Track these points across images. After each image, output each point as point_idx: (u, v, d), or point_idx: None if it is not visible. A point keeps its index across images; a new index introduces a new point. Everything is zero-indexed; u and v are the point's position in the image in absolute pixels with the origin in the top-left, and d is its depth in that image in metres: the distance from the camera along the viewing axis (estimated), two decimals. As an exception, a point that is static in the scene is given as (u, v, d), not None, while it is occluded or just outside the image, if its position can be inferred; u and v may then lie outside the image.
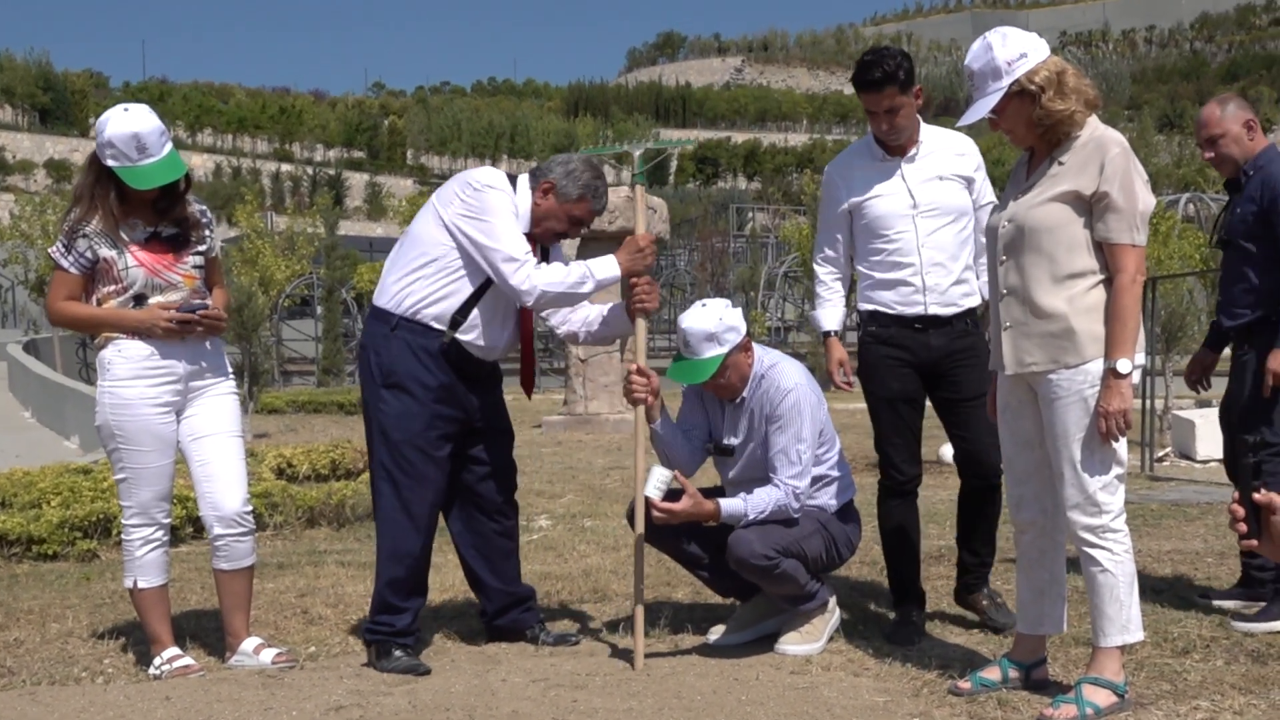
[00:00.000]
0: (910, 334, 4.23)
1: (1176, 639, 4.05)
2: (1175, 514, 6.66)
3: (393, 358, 3.98)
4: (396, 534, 4.02)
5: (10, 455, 11.12)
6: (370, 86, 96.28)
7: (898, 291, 4.25)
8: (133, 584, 3.99)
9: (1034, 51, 3.38)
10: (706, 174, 68.89)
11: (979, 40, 3.45)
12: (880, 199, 4.24)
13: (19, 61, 63.40)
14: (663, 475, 3.89)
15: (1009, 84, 3.36)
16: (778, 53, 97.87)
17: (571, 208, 4.08)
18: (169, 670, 3.92)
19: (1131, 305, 3.34)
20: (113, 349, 3.91)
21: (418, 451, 3.99)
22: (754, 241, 32.25)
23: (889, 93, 4.09)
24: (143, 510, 3.96)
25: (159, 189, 3.91)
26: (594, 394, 12.39)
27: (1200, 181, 31.19)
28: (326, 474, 8.06)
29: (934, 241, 4.19)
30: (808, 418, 4.04)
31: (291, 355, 23.11)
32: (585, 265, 3.98)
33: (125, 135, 3.78)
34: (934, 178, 4.21)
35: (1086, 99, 3.39)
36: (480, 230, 3.91)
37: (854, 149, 4.42)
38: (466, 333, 4.02)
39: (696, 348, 4.01)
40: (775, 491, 4.00)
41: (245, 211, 19.62)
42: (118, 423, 3.90)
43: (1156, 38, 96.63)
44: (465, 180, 4.01)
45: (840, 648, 4.12)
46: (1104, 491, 3.38)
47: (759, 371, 4.11)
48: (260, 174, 58.69)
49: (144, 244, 3.93)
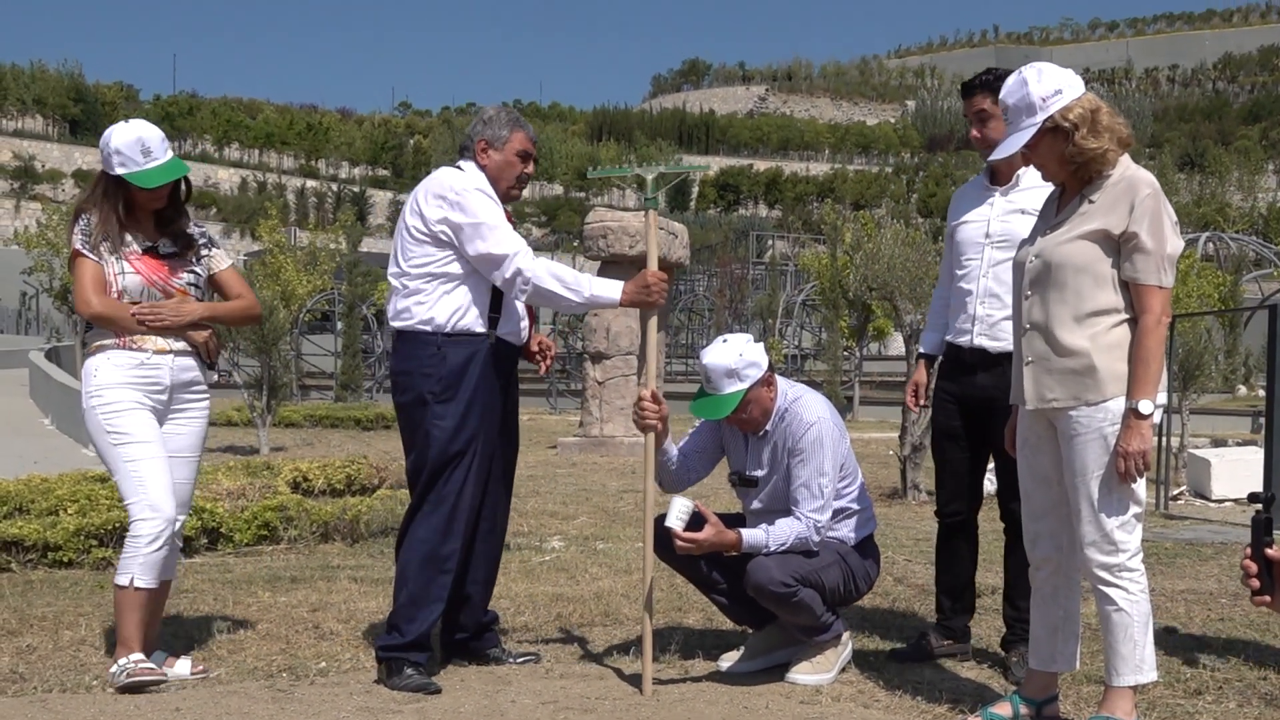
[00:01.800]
0: (961, 370, 4.27)
1: (1189, 680, 4.02)
2: (1190, 553, 6.62)
3: (449, 371, 4.01)
4: (433, 548, 4.02)
5: (29, 462, 11.17)
6: (397, 105, 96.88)
7: (958, 319, 4.30)
8: (128, 581, 3.96)
9: (1069, 88, 3.38)
10: (728, 200, 69.08)
11: (1014, 75, 3.46)
12: (965, 226, 4.32)
13: (52, 72, 64.14)
14: (684, 505, 3.89)
15: (1043, 120, 3.37)
16: (801, 82, 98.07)
17: (511, 147, 4.17)
18: (131, 670, 3.87)
19: (1156, 347, 3.33)
20: (101, 357, 4.01)
21: (468, 464, 4.03)
22: (773, 269, 32.27)
23: (979, 98, 4.20)
24: (154, 505, 3.95)
25: (165, 197, 4.09)
26: (609, 416, 12.40)
27: (1220, 221, 31.13)
28: (342, 489, 8.07)
29: (996, 273, 4.20)
30: (829, 452, 4.04)
31: (310, 370, 23.20)
32: (588, 277, 4.05)
33: (130, 141, 3.98)
34: (1017, 211, 4.21)
35: (1119, 138, 3.39)
36: (470, 236, 3.98)
37: (974, 178, 4.51)
38: (504, 328, 4.11)
39: (718, 383, 4.01)
40: (797, 524, 4.00)
41: (268, 227, 19.73)
42: (110, 421, 3.97)
43: (1179, 77, 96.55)
44: (437, 195, 4.04)
45: (851, 679, 4.11)
46: (1121, 530, 3.37)
47: (782, 406, 4.12)
48: (285, 189, 59.06)
49: (141, 255, 4.07)
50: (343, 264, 21.61)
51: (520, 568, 6.02)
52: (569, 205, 63.27)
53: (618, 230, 12.05)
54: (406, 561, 4.05)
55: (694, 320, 30.73)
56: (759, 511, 4.22)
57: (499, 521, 4.33)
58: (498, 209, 4.06)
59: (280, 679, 4.08)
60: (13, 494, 6.76)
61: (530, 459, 11.34)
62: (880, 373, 23.40)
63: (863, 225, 16.80)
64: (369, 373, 22.30)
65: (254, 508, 6.69)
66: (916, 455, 8.66)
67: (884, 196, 57.73)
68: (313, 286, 19.00)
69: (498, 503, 4.29)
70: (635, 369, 12.34)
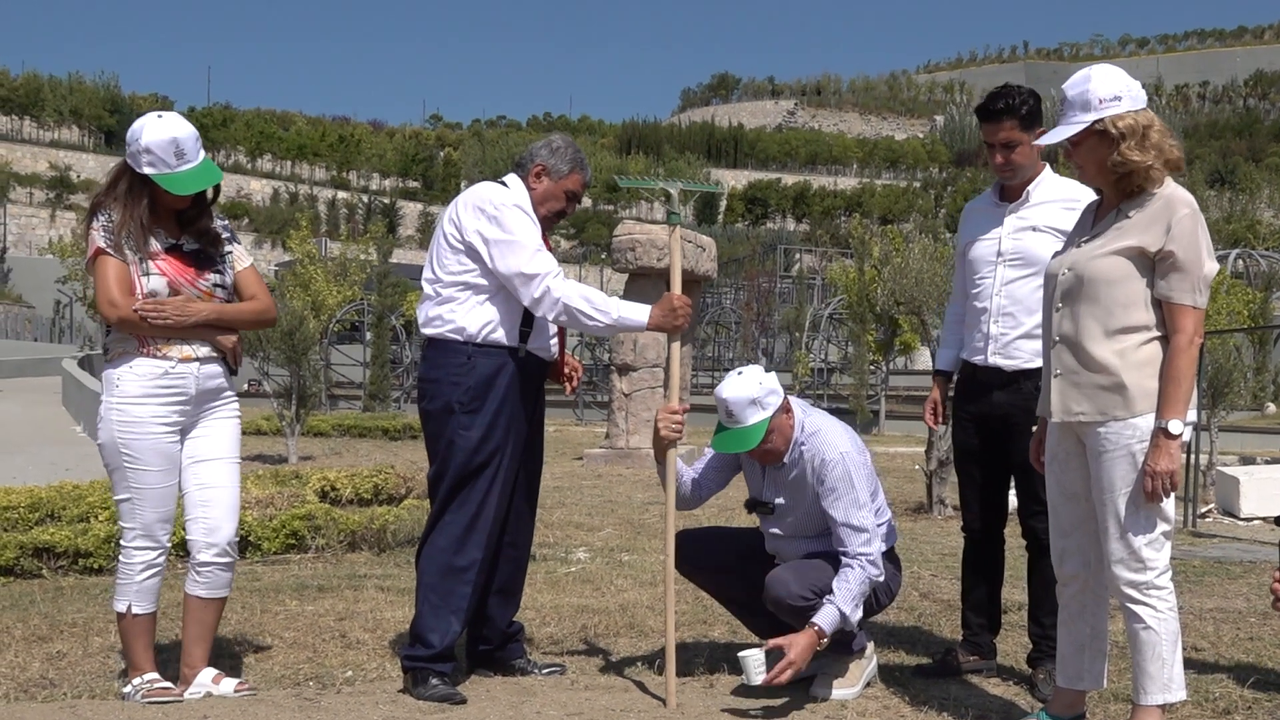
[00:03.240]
0: (978, 389, 4.27)
1: (1218, 699, 3.99)
2: (1218, 571, 6.57)
3: (478, 381, 4.02)
4: (453, 558, 4.02)
5: (60, 469, 11.29)
6: (428, 118, 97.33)
7: (972, 337, 4.29)
8: (126, 609, 3.86)
9: (1130, 98, 3.37)
10: (756, 214, 69.03)
11: (1084, 69, 3.45)
12: (977, 243, 4.31)
13: (88, 84, 64.82)
14: (756, 657, 3.80)
15: (1093, 120, 3.36)
16: (830, 97, 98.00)
17: (565, 183, 4.17)
18: (146, 690, 3.82)
19: (1187, 367, 3.31)
20: (124, 366, 3.82)
21: (491, 475, 4.04)
22: (800, 283, 32.26)
23: (1006, 125, 4.12)
24: (147, 532, 3.85)
25: (190, 197, 3.86)
26: (635, 428, 12.40)
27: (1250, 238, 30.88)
28: (369, 498, 8.12)
29: (1009, 291, 4.19)
30: (861, 483, 4.01)
31: (339, 380, 23.32)
32: (615, 300, 4.03)
33: (164, 141, 3.74)
34: (1029, 228, 4.19)
35: (1168, 158, 3.37)
36: (504, 252, 3.97)
37: (983, 194, 4.47)
38: (534, 342, 4.12)
39: (740, 415, 3.98)
40: (854, 571, 3.94)
41: (299, 238, 19.87)
42: (124, 441, 3.81)
43: (1210, 94, 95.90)
44: (476, 206, 4.05)
45: (877, 694, 4.10)
46: (1149, 548, 3.35)
47: (799, 438, 4.09)
48: (317, 200, 59.43)
49: (165, 255, 3.87)
50: (373, 275, 21.75)
51: (546, 579, 6.03)
52: (597, 218, 63.36)
53: (646, 243, 12.07)
54: (426, 571, 4.06)
55: (721, 333, 30.71)
56: (780, 538, 4.22)
57: (523, 533, 4.34)
58: (535, 229, 4.06)
59: (307, 688, 4.11)
60: (44, 500, 6.84)
61: (556, 470, 11.35)
62: (907, 387, 23.32)
63: (890, 240, 16.76)
64: (397, 383, 22.41)
65: (282, 516, 6.73)
66: (942, 470, 8.63)
67: (912, 211, 57.65)
68: (343, 297, 19.12)
69: (522, 514, 4.30)
70: (661, 381, 12.35)
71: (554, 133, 4.24)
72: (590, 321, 3.99)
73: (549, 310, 3.99)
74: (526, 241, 4.00)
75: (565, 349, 4.37)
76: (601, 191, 66.89)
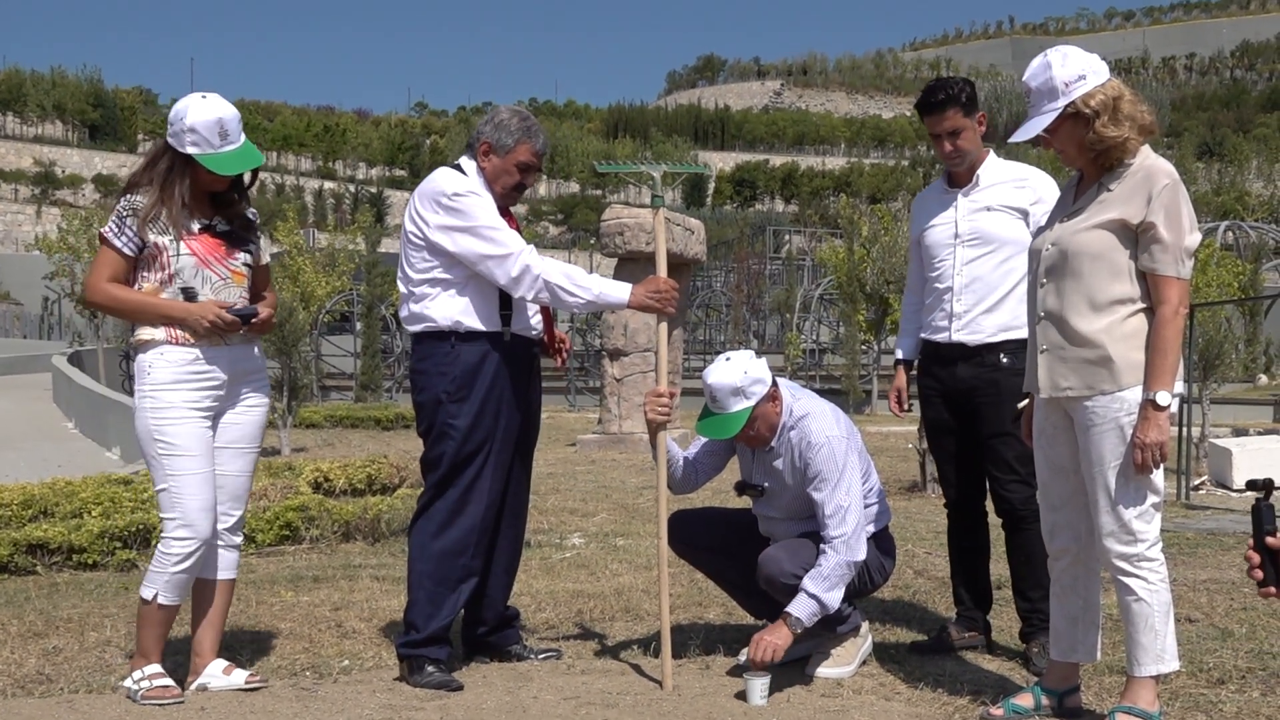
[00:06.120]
0: (942, 364, 4.34)
1: (1212, 669, 4.01)
2: (1211, 543, 6.59)
3: (464, 370, 4.02)
4: (444, 544, 4.02)
5: (53, 465, 11.27)
6: (413, 106, 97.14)
7: (934, 317, 4.36)
8: (152, 596, 3.83)
9: (1093, 74, 3.37)
10: (744, 196, 69.01)
11: (1040, 57, 3.45)
12: (931, 229, 4.38)
13: (71, 78, 64.50)
14: (759, 682, 3.77)
15: (1064, 105, 3.36)
16: (816, 77, 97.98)
17: (514, 157, 4.10)
18: (147, 686, 3.80)
19: (1173, 338, 3.32)
20: (154, 353, 3.80)
21: (481, 461, 4.04)
22: (790, 264, 32.22)
23: (951, 114, 4.21)
24: (188, 522, 3.80)
25: (229, 179, 3.87)
26: (628, 413, 12.41)
27: (1239, 209, 30.93)
28: (363, 489, 8.11)
29: (970, 270, 4.26)
30: (848, 467, 4.01)
31: (330, 370, 23.29)
32: (596, 277, 4.03)
33: (210, 121, 3.75)
34: (983, 209, 4.27)
35: (1141, 125, 3.37)
36: (469, 240, 3.95)
37: (932, 184, 4.55)
38: (516, 323, 4.10)
39: (724, 403, 3.99)
40: (828, 556, 3.94)
41: (286, 229, 19.81)
42: (159, 428, 3.78)
43: (1197, 65, 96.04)
44: (432, 199, 4.01)
45: (872, 671, 4.12)
46: (1140, 520, 3.36)
47: (787, 423, 4.09)
48: (303, 191, 59.24)
49: (197, 235, 3.86)
50: (361, 265, 21.69)
51: (541, 564, 6.04)
52: (585, 203, 63.32)
53: (634, 227, 12.05)
54: (417, 558, 4.06)
55: (711, 316, 30.70)
56: (773, 520, 4.24)
57: (518, 517, 4.34)
58: (492, 210, 4.02)
59: (304, 677, 4.11)
60: (37, 497, 6.83)
61: (549, 456, 11.36)
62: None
63: (879, 219, 16.78)
64: (388, 373, 22.36)
65: (276, 508, 6.73)
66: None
67: (900, 190, 57.53)
68: (331, 288, 19.08)
69: (518, 497, 4.30)
70: (653, 366, 12.35)
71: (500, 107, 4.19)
72: (570, 298, 3.98)
73: (529, 289, 3.96)
74: (486, 223, 3.97)
75: (552, 323, 4.35)
76: (589, 176, 66.80)
